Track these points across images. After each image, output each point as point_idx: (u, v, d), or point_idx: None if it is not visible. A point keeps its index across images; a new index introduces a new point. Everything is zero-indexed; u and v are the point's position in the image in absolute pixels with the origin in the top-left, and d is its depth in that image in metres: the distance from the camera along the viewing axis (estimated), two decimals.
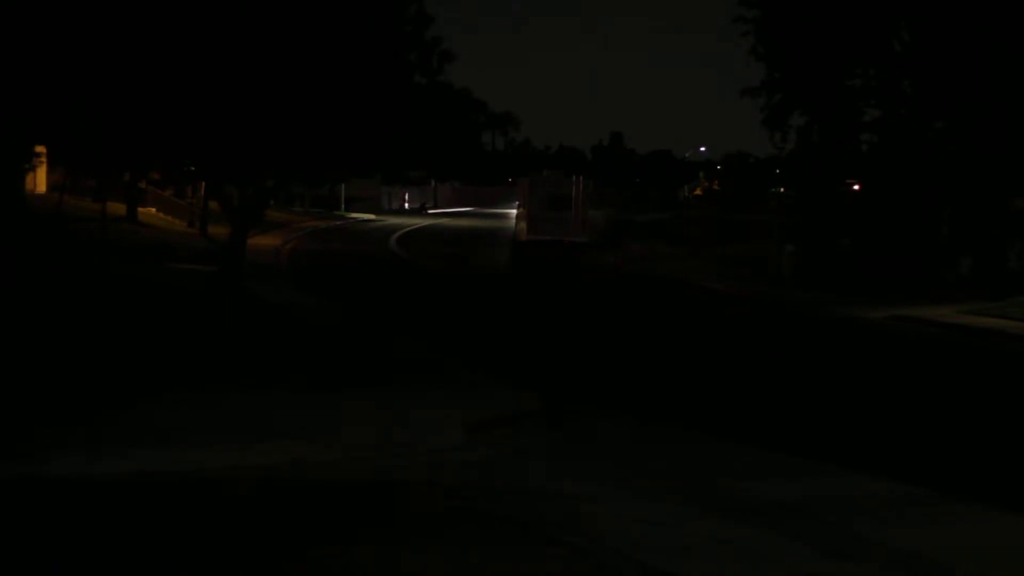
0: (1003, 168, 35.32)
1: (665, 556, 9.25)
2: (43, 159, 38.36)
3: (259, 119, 20.26)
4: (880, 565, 9.34)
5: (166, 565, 8.67)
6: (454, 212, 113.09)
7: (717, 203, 65.34)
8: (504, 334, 24.78)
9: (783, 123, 40.63)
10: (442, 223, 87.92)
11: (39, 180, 49.56)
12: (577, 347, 23.10)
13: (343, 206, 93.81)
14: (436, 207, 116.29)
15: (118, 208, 45.82)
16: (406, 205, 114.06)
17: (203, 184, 44.83)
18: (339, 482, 11.49)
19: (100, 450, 11.72)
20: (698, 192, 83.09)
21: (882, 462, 13.03)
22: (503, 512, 10.42)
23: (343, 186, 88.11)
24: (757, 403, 17.32)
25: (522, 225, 57.89)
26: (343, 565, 8.85)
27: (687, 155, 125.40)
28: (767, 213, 46.62)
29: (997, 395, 19.06)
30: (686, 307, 33.88)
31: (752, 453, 13.51)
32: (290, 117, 20.48)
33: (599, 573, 8.99)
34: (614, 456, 13.26)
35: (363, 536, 9.63)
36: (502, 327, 26.42)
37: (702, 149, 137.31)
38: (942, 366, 23.07)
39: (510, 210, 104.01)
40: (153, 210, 54.33)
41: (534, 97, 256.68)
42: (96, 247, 28.97)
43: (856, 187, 42.89)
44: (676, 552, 9.42)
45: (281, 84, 20.05)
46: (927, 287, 34.68)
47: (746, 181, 69.55)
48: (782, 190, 47.15)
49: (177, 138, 21.05)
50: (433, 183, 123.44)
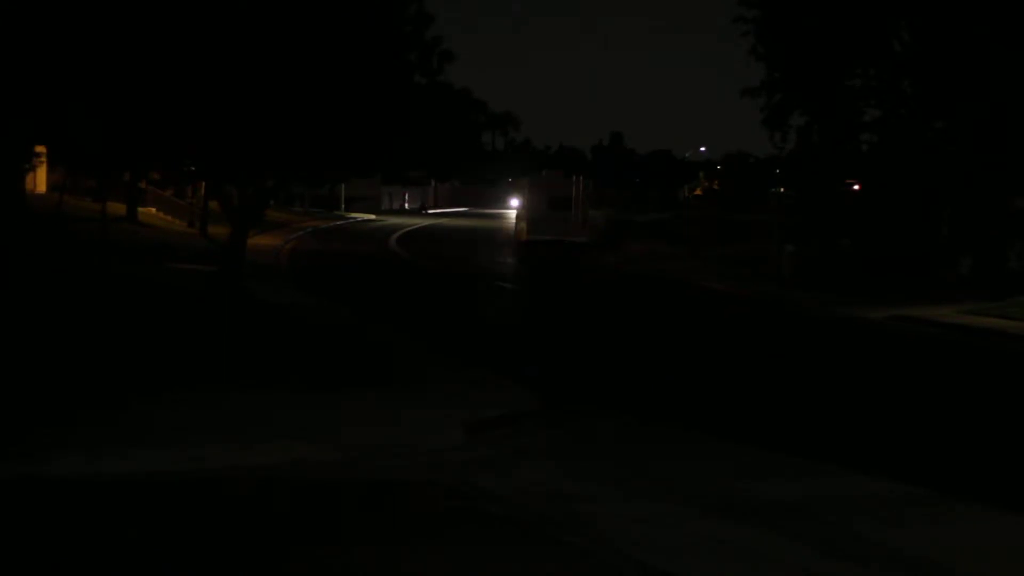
0: (1003, 168, 35.31)
1: (665, 556, 9.26)
2: (43, 159, 38.42)
3: (259, 119, 20.29)
4: (880, 565, 9.34)
5: (166, 565, 8.68)
6: (454, 212, 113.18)
7: (717, 203, 65.29)
8: (504, 334, 24.79)
9: (783, 123, 40.61)
10: (442, 223, 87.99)
11: (39, 180, 49.59)
12: (577, 347, 23.11)
13: (343, 206, 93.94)
14: (436, 207, 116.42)
15: (118, 208, 45.84)
16: (406, 205, 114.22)
17: (203, 184, 44.87)
18: (339, 482, 11.49)
19: (100, 450, 11.72)
20: (698, 192, 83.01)
21: (882, 462, 13.03)
22: (503, 512, 10.43)
23: (343, 186, 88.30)
24: (757, 403, 17.32)
25: (522, 225, 57.91)
26: (343, 565, 8.85)
27: (687, 155, 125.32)
28: (767, 213, 46.62)
29: (997, 395, 19.06)
30: (686, 307, 33.88)
31: (752, 453, 13.51)
32: (290, 117, 20.51)
33: (599, 573, 9.00)
34: (614, 456, 13.26)
35: (363, 536, 9.63)
36: (502, 327, 26.44)
37: (702, 149, 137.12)
38: (942, 366, 23.07)
39: (510, 210, 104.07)
40: (153, 210, 54.36)
41: (534, 97, 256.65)
42: (96, 247, 28.98)
43: (856, 187, 42.88)
44: (676, 552, 9.43)
45: (281, 84, 20.08)
46: (927, 287, 34.67)
47: (746, 181, 69.45)
48: (782, 190, 47.13)
49: (177, 138, 21.08)
50: (433, 183, 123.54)
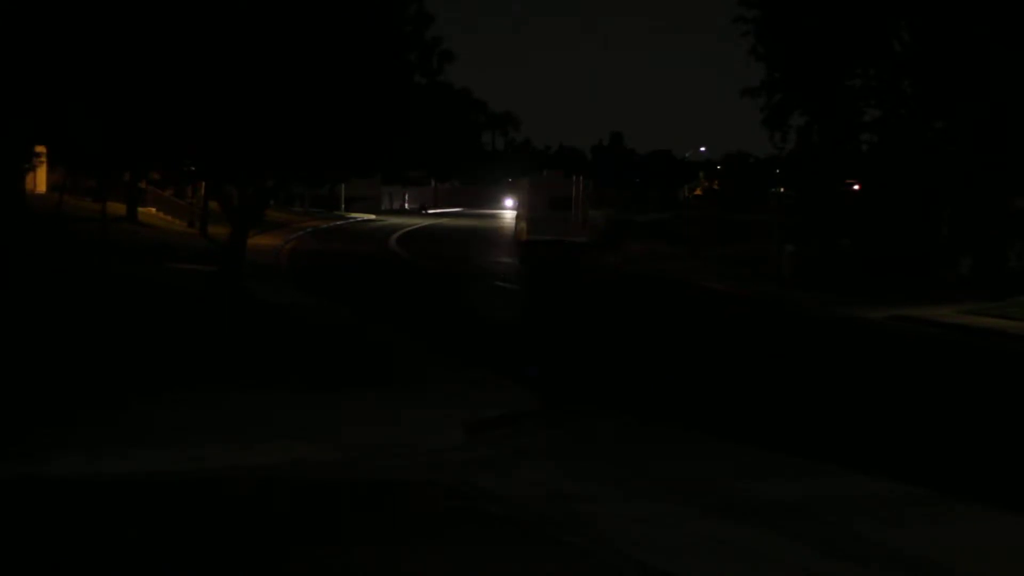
0: (1003, 168, 35.30)
1: (665, 556, 9.26)
2: (43, 159, 38.42)
3: (259, 119, 20.29)
4: (880, 565, 9.34)
5: (166, 565, 8.68)
6: (454, 212, 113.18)
7: (717, 203, 65.27)
8: (504, 334, 24.78)
9: (783, 123, 40.61)
10: (442, 223, 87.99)
11: (39, 180, 49.60)
12: (577, 347, 23.11)
13: (343, 206, 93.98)
14: (436, 207, 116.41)
15: (118, 208, 45.86)
16: (406, 205, 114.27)
17: (203, 184, 44.87)
18: (339, 482, 11.49)
19: (100, 450, 11.71)
20: (698, 192, 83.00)
21: (882, 462, 13.03)
22: (503, 512, 10.43)
23: (343, 186, 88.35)
24: (757, 403, 17.32)
25: (522, 225, 57.93)
26: (343, 565, 8.85)
27: (687, 155, 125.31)
28: (767, 213, 46.60)
29: (997, 395, 19.06)
30: (686, 307, 33.88)
31: (752, 453, 13.51)
32: (290, 117, 20.51)
33: (599, 573, 9.00)
34: (614, 456, 13.26)
35: (363, 536, 9.63)
36: (502, 327, 26.42)
37: (702, 149, 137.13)
38: (942, 366, 23.07)
39: (510, 210, 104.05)
40: (153, 210, 54.37)
41: (534, 97, 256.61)
42: (96, 247, 28.98)
43: (856, 187, 42.88)
44: (676, 552, 9.43)
45: (281, 84, 20.07)
46: (927, 287, 34.66)
47: (746, 181, 69.44)
48: (782, 190, 47.12)
49: (177, 138, 21.08)
50: (433, 183, 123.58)
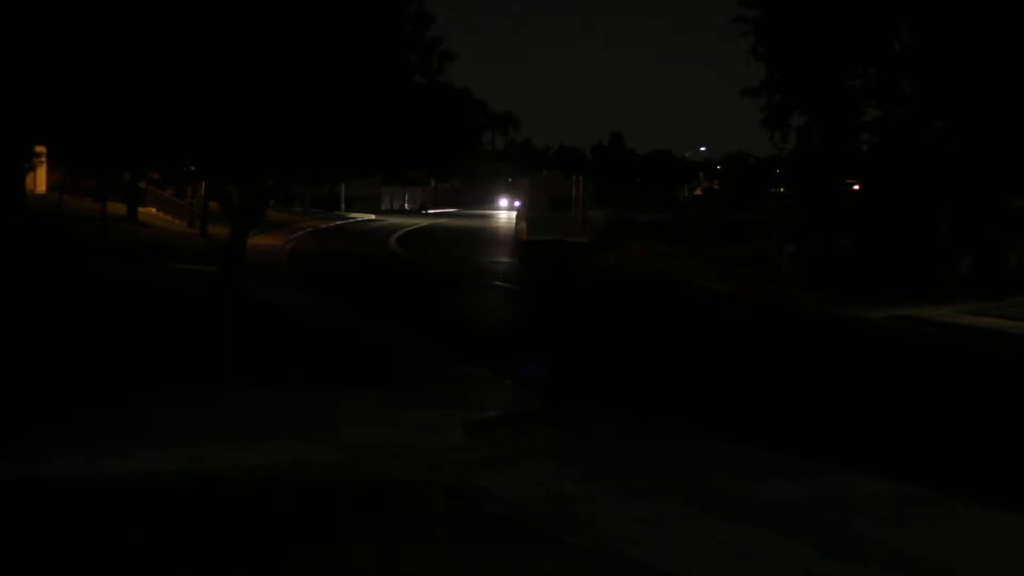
0: (1003, 168, 35.30)
1: (665, 556, 9.26)
2: (43, 159, 38.41)
3: (259, 119, 20.30)
4: (880, 565, 9.34)
5: (166, 565, 8.68)
6: (454, 212, 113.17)
7: (717, 203, 65.27)
8: (504, 334, 24.78)
9: (783, 123, 40.61)
10: (442, 223, 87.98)
11: (39, 180, 49.59)
12: (577, 347, 23.11)
13: (343, 206, 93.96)
14: (436, 207, 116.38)
15: (118, 208, 45.85)
16: (406, 205, 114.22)
17: (203, 184, 44.87)
18: (339, 482, 11.49)
19: (100, 450, 11.71)
20: (698, 192, 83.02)
21: (882, 462, 13.02)
22: (503, 512, 10.43)
23: (343, 186, 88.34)
24: (757, 403, 17.31)
25: (522, 225, 57.93)
26: (343, 565, 8.85)
27: (687, 155, 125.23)
28: (767, 213, 46.57)
29: (997, 395, 19.06)
30: (686, 307, 33.87)
31: (752, 453, 13.51)
32: (290, 117, 20.52)
33: (599, 573, 8.99)
34: (614, 456, 13.26)
35: (363, 536, 9.63)
36: (502, 327, 26.43)
37: (702, 149, 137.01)
38: (942, 366, 23.06)
39: (510, 210, 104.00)
40: (153, 210, 54.36)
41: (534, 97, 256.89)
42: (96, 247, 28.98)
43: (856, 187, 42.87)
44: (676, 552, 9.43)
45: (281, 84, 20.08)
46: (927, 287, 34.66)
47: (746, 181, 69.44)
48: (782, 190, 47.09)
49: (177, 138, 21.09)
50: (433, 183, 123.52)
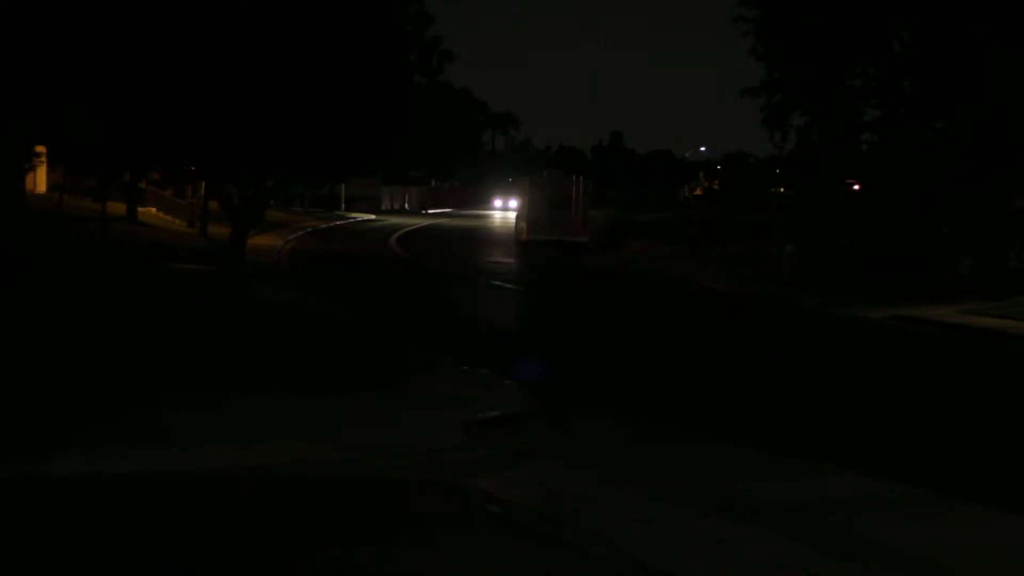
0: (1003, 168, 35.31)
1: (665, 556, 9.26)
2: (43, 159, 38.41)
3: (259, 119, 20.27)
4: (880, 565, 9.34)
5: (166, 565, 8.68)
6: (454, 212, 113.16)
7: (717, 203, 65.35)
8: (504, 334, 24.79)
9: (783, 123, 40.63)
10: (442, 223, 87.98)
11: (39, 180, 49.62)
12: (577, 347, 23.11)
13: (343, 206, 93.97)
14: (436, 207, 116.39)
15: (118, 208, 45.87)
16: (406, 205, 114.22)
17: (203, 184, 44.86)
18: (339, 482, 11.49)
19: (100, 450, 11.70)
20: (698, 192, 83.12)
21: (882, 462, 13.03)
22: (503, 512, 10.43)
23: (343, 186, 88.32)
24: (757, 403, 17.32)
25: (522, 225, 57.96)
26: (343, 565, 8.85)
27: (687, 155, 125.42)
28: (767, 213, 46.58)
29: (997, 395, 19.07)
30: (686, 307, 33.88)
31: (752, 453, 13.51)
32: (290, 117, 20.49)
33: (599, 573, 9.00)
34: (614, 456, 13.26)
35: (363, 536, 9.63)
36: (502, 327, 26.43)
37: (702, 149, 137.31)
38: (942, 366, 23.07)
39: (504, 211, 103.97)
40: (153, 210, 54.38)
41: (534, 97, 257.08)
42: (96, 247, 28.97)
43: (856, 187, 42.87)
44: (676, 552, 9.43)
45: (281, 84, 20.06)
46: (927, 287, 34.67)
47: (746, 181, 69.54)
48: (782, 190, 47.10)
49: (177, 138, 21.07)
50: (433, 183, 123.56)
